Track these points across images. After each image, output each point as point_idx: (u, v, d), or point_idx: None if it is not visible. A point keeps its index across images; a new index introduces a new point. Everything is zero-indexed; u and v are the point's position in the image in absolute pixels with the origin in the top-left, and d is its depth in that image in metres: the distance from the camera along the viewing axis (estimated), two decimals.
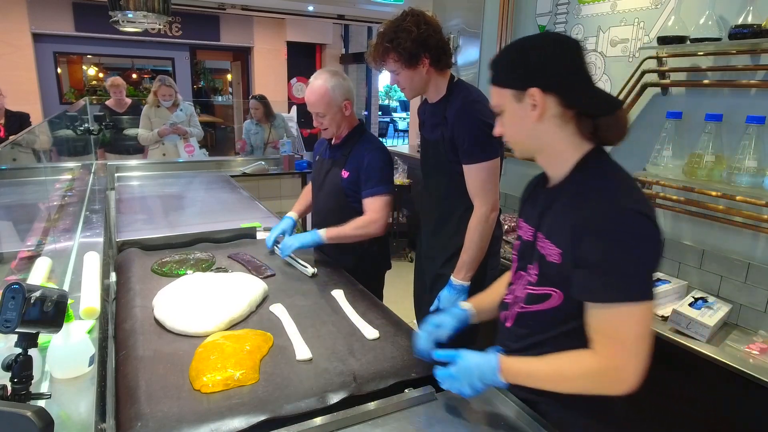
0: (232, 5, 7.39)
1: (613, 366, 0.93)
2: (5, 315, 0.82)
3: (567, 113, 0.99)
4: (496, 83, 1.05)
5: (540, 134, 1.02)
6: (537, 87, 0.97)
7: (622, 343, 0.92)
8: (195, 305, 1.46)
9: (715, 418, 1.66)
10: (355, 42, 9.71)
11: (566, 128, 1.00)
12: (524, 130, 1.04)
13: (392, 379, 1.19)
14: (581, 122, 1.00)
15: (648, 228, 0.92)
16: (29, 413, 0.70)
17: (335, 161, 2.03)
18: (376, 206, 1.90)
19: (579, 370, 0.97)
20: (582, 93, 0.99)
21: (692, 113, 1.96)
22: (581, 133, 1.01)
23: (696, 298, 1.84)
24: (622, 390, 0.94)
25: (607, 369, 0.94)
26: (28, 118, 4.49)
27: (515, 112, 1.03)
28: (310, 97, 1.92)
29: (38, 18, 7.06)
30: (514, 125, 1.05)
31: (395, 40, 1.70)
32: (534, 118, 0.99)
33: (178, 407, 1.05)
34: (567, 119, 1.00)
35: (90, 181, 3.06)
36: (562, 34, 1.08)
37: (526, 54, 1.00)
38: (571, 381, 0.99)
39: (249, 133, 4.94)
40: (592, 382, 0.97)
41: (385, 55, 1.74)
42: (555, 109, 0.99)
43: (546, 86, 0.97)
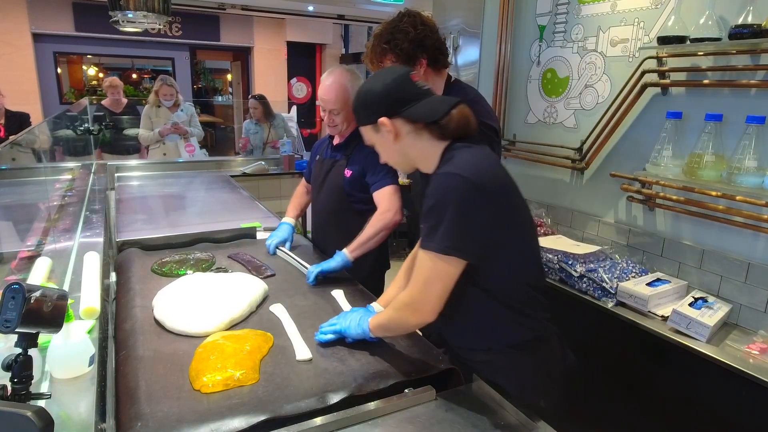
0: (232, 5, 7.40)
1: (410, 300, 1.18)
2: (5, 315, 0.82)
3: (417, 126, 1.20)
4: (359, 124, 1.29)
5: (406, 149, 1.24)
6: (383, 116, 1.20)
7: (416, 283, 1.16)
8: (195, 305, 1.46)
9: (715, 418, 1.66)
10: (355, 42, 9.71)
11: (422, 138, 1.21)
12: (393, 151, 1.26)
13: (392, 379, 1.19)
14: (431, 129, 1.19)
15: (457, 183, 1.09)
16: (29, 413, 0.70)
17: (337, 161, 2.03)
18: (385, 195, 1.89)
19: (395, 303, 1.23)
20: (417, 108, 1.19)
21: (692, 113, 1.96)
22: (435, 137, 1.20)
23: (696, 298, 1.84)
24: (417, 320, 1.18)
25: (406, 302, 1.19)
26: (28, 118, 4.49)
27: (380, 141, 1.26)
28: (328, 94, 1.90)
29: (38, 18, 7.06)
30: (385, 151, 1.28)
31: (392, 41, 1.69)
32: (393, 138, 1.21)
33: (178, 407, 1.05)
34: (419, 131, 1.20)
35: (90, 181, 3.06)
36: (393, 68, 1.31)
37: (367, 95, 1.23)
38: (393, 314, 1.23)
39: (248, 132, 4.95)
40: (399, 313, 1.21)
41: (383, 56, 1.73)
42: (406, 127, 1.21)
43: (389, 113, 1.19)
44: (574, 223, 2.52)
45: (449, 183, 1.10)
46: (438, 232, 1.10)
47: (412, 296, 1.17)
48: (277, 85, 8.98)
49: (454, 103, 1.20)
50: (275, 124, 4.98)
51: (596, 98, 2.35)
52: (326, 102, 1.91)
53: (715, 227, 1.92)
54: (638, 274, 2.04)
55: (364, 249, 1.85)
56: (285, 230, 2.11)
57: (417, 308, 1.16)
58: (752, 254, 1.82)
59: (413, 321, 1.19)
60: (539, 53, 2.63)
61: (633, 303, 1.90)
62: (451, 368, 1.26)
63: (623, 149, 2.26)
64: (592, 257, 2.15)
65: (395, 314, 1.22)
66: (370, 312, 1.36)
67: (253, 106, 4.91)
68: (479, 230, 1.11)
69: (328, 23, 8.88)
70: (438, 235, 1.10)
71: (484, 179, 1.10)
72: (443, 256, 1.10)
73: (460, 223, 1.09)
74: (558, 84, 2.54)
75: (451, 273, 1.13)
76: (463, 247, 1.10)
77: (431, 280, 1.13)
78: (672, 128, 1.96)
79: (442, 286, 1.13)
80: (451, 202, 1.09)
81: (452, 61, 3.15)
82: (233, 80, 10.22)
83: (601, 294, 1.99)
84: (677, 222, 2.07)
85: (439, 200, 1.10)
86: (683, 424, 1.75)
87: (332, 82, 1.90)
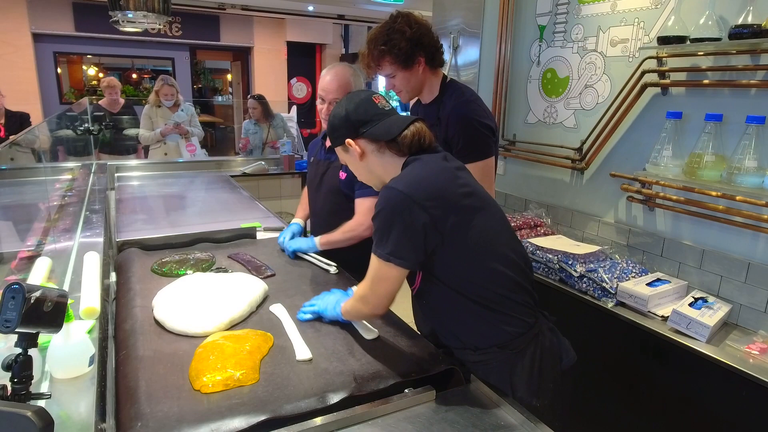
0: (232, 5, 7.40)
1: (362, 294, 1.31)
2: (5, 315, 0.82)
3: (378, 145, 1.30)
4: (333, 146, 1.39)
5: (372, 167, 1.34)
6: (348, 138, 1.31)
7: (366, 280, 1.29)
8: (195, 305, 1.46)
9: (715, 418, 1.66)
10: (355, 42, 9.71)
11: (385, 155, 1.31)
12: (362, 168, 1.36)
13: (392, 379, 1.19)
14: (390, 147, 1.29)
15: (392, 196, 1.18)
16: (29, 413, 0.70)
17: (331, 162, 2.02)
18: (364, 208, 1.87)
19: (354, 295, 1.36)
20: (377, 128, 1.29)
21: (692, 113, 1.96)
22: (395, 153, 1.30)
23: (696, 298, 1.84)
24: (367, 311, 1.33)
25: (360, 295, 1.33)
26: (28, 118, 4.49)
27: (350, 160, 1.37)
28: (331, 84, 1.87)
29: (38, 18, 7.06)
30: (356, 168, 1.39)
31: (389, 42, 1.68)
32: (358, 157, 1.32)
33: (178, 407, 1.05)
34: (382, 149, 1.30)
35: (90, 181, 3.06)
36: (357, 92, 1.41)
37: (335, 119, 1.34)
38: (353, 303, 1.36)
39: (248, 132, 4.95)
40: (356, 303, 1.35)
41: (381, 59, 1.72)
42: (370, 146, 1.31)
43: (353, 135, 1.30)
44: (574, 223, 2.52)
45: (386, 195, 1.20)
46: (380, 240, 1.21)
47: (364, 291, 1.30)
48: (277, 85, 8.97)
49: (410, 121, 1.30)
50: (275, 124, 4.98)
51: (596, 98, 2.36)
52: (328, 92, 1.88)
53: (715, 227, 1.92)
54: (638, 274, 2.04)
55: (331, 246, 1.92)
56: (293, 228, 2.13)
57: (367, 302, 1.30)
58: (752, 254, 1.82)
59: (364, 311, 1.35)
60: (539, 53, 2.63)
61: (633, 303, 1.90)
62: (451, 368, 1.26)
63: (623, 149, 2.26)
64: (592, 257, 2.15)
65: (354, 303, 1.36)
66: (347, 295, 1.46)
67: (252, 106, 4.91)
68: (414, 239, 1.18)
69: (328, 23, 8.88)
70: (380, 242, 1.21)
71: (416, 190, 1.18)
72: (383, 261, 1.21)
73: (396, 232, 1.18)
74: (558, 84, 2.54)
75: (394, 276, 1.23)
76: (400, 254, 1.19)
77: (377, 280, 1.25)
78: (672, 128, 1.96)
79: (387, 286, 1.24)
80: (387, 214, 1.19)
81: (452, 61, 3.16)
82: (233, 80, 10.22)
83: (601, 294, 1.99)
84: (677, 222, 2.07)
85: (379, 212, 1.20)
86: (683, 424, 1.75)
87: (335, 74, 1.88)
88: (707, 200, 1.90)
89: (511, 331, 1.26)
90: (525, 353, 1.26)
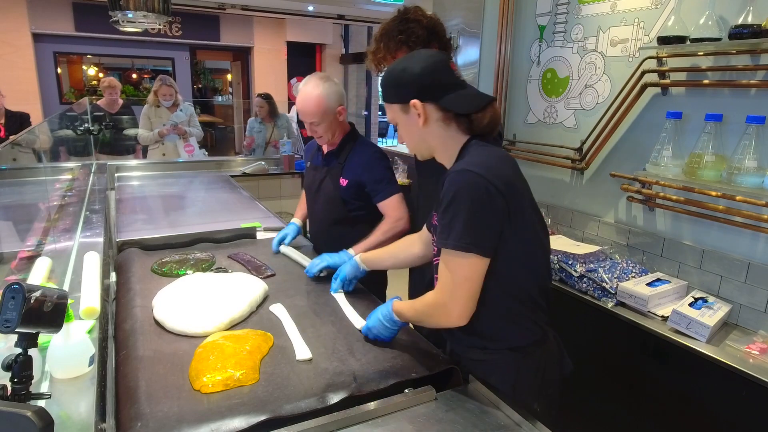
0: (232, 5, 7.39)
1: (440, 302, 1.17)
2: (5, 315, 0.82)
3: (447, 115, 1.18)
4: (386, 101, 1.26)
5: (430, 136, 1.22)
6: (416, 99, 1.17)
7: (443, 284, 1.15)
8: (195, 306, 1.46)
9: (714, 418, 1.66)
10: (355, 42, 9.70)
11: (450, 127, 1.20)
12: (416, 135, 1.23)
13: (392, 379, 1.19)
14: (459, 121, 1.19)
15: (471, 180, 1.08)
16: (29, 413, 0.70)
17: (330, 169, 2.00)
18: (394, 205, 1.90)
19: (424, 304, 1.22)
20: (453, 97, 1.17)
21: (692, 113, 1.96)
22: (461, 129, 1.20)
23: (696, 298, 1.84)
24: (448, 322, 1.17)
25: (435, 304, 1.18)
26: (28, 118, 4.49)
27: (406, 122, 1.23)
28: (304, 107, 1.85)
29: (38, 18, 7.06)
30: (408, 133, 1.25)
31: (407, 31, 1.66)
32: (420, 123, 1.19)
33: (178, 407, 1.05)
34: (448, 120, 1.19)
35: (90, 181, 3.06)
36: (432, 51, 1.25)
37: (403, 73, 1.19)
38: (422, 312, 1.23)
39: (252, 131, 4.95)
40: (429, 314, 1.21)
41: (397, 50, 1.69)
42: (436, 114, 1.19)
43: (423, 97, 1.17)
44: (574, 223, 2.52)
45: (463, 179, 1.09)
46: (455, 229, 1.09)
47: (442, 300, 1.15)
48: (277, 85, 8.97)
49: (489, 100, 1.19)
50: (279, 124, 4.98)
51: (596, 98, 2.35)
52: (303, 115, 1.88)
53: (715, 227, 1.92)
54: (638, 274, 2.04)
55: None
56: (290, 229, 2.12)
57: (446, 311, 1.15)
58: (752, 254, 1.82)
59: (445, 323, 1.18)
60: (539, 53, 2.63)
61: (633, 303, 1.90)
62: (451, 367, 1.26)
63: (623, 149, 2.26)
64: (592, 257, 2.15)
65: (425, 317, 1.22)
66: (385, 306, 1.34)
67: (258, 105, 4.90)
68: (493, 226, 1.11)
69: (328, 23, 8.88)
70: (455, 232, 1.09)
71: (495, 176, 1.10)
72: (463, 253, 1.09)
73: (476, 218, 1.08)
74: (558, 84, 2.54)
75: (476, 270, 1.11)
76: (481, 242, 1.10)
77: (459, 283, 1.12)
78: (672, 128, 1.96)
79: (470, 287, 1.12)
80: (466, 199, 1.08)
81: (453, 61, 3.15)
82: (233, 80, 10.22)
83: (601, 294, 1.99)
84: (677, 222, 2.07)
85: (454, 197, 1.09)
86: (683, 424, 1.75)
87: (306, 94, 1.85)
88: (707, 200, 1.90)
89: (528, 334, 1.25)
90: (532, 356, 1.26)
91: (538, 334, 1.27)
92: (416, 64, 1.17)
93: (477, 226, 1.09)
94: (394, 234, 1.85)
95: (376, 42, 1.76)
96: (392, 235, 1.85)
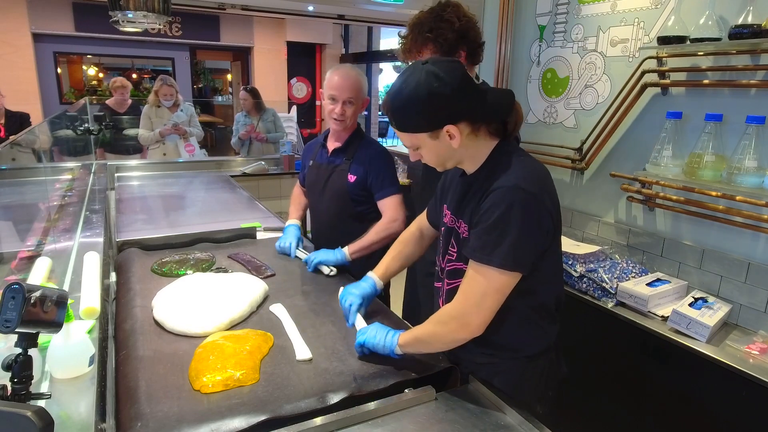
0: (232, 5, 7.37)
1: (461, 312, 1.12)
2: (5, 315, 0.82)
3: (476, 126, 1.12)
4: (406, 131, 1.13)
5: (458, 152, 1.14)
6: (450, 123, 1.08)
7: (470, 294, 1.10)
8: (195, 306, 1.46)
9: (714, 418, 1.66)
10: (355, 42, 9.70)
11: (479, 137, 1.13)
12: (444, 155, 1.15)
13: (392, 379, 1.19)
14: (490, 127, 1.13)
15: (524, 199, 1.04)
16: (29, 413, 0.70)
17: (337, 165, 2.00)
18: (392, 205, 1.90)
19: (434, 319, 1.16)
20: (483, 108, 1.10)
21: (692, 113, 1.96)
22: (490, 134, 1.14)
23: (696, 298, 1.84)
24: (465, 334, 1.12)
25: (454, 315, 1.13)
26: (28, 118, 4.49)
27: (436, 146, 1.13)
28: (345, 82, 1.85)
29: (38, 18, 7.06)
30: (435, 155, 1.16)
31: (436, 30, 1.65)
32: (455, 144, 1.11)
33: (178, 407, 1.05)
34: (477, 130, 1.13)
35: (90, 181, 3.06)
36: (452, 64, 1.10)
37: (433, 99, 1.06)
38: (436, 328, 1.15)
39: (238, 124, 4.92)
40: (444, 327, 1.14)
41: (423, 46, 1.68)
42: (467, 129, 1.11)
43: (456, 119, 1.08)
44: (574, 223, 2.52)
45: (513, 197, 1.05)
46: (501, 247, 1.05)
47: (463, 310, 1.11)
48: (277, 85, 8.97)
49: (511, 99, 1.14)
50: (264, 117, 4.91)
51: (596, 98, 2.35)
52: (343, 90, 1.85)
53: (715, 227, 1.92)
54: (638, 274, 2.04)
55: (364, 253, 1.86)
56: (293, 232, 2.10)
57: (466, 322, 1.11)
58: (752, 254, 1.82)
59: (460, 335, 1.13)
60: (539, 53, 2.63)
61: (633, 303, 1.90)
62: (451, 367, 1.26)
63: (623, 149, 2.26)
64: (592, 257, 2.15)
65: (439, 328, 1.15)
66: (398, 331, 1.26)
67: (243, 98, 4.86)
68: (537, 244, 1.09)
69: (328, 23, 8.87)
70: (501, 249, 1.05)
71: (541, 191, 1.08)
72: (507, 272, 1.06)
73: (525, 238, 1.05)
74: (558, 84, 2.54)
75: (509, 286, 1.09)
76: (525, 261, 1.08)
77: (489, 294, 1.09)
78: (672, 128, 1.96)
79: (498, 300, 1.10)
80: (516, 217, 1.04)
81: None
82: (233, 80, 10.21)
83: (601, 294, 1.99)
84: (677, 222, 2.07)
85: (504, 214, 1.05)
86: (683, 424, 1.75)
87: (347, 73, 1.87)
88: (707, 200, 1.90)
89: (538, 343, 1.25)
90: (537, 362, 1.25)
91: (547, 343, 1.27)
92: (444, 87, 1.04)
93: (525, 247, 1.06)
94: (388, 235, 1.85)
95: (408, 30, 1.73)
96: (385, 236, 1.86)
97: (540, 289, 1.19)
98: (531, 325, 1.22)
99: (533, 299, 1.19)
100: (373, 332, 1.24)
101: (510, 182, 1.07)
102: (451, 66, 1.08)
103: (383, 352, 1.22)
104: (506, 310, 1.14)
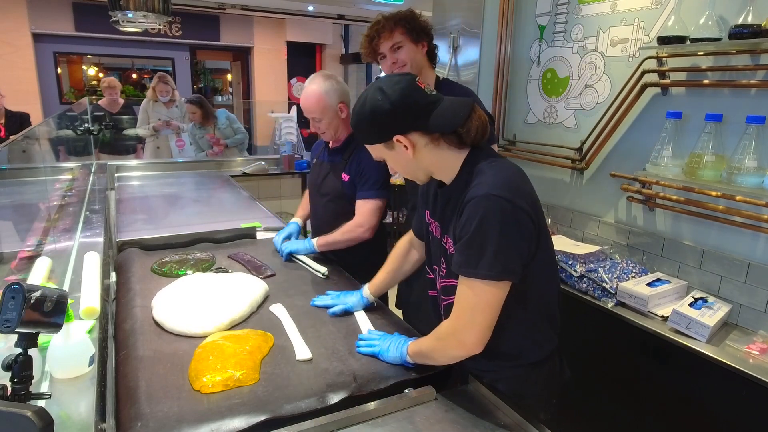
0: (232, 5, 7.39)
1: (454, 330, 1.11)
2: (5, 315, 0.82)
3: (434, 137, 1.13)
4: (366, 143, 1.21)
5: (423, 162, 1.17)
6: (398, 134, 1.12)
7: (461, 311, 1.10)
8: (195, 306, 1.46)
9: (714, 418, 1.66)
10: (355, 42, 9.69)
11: (440, 147, 1.15)
12: (410, 165, 1.18)
13: (392, 379, 1.19)
14: (448, 138, 1.14)
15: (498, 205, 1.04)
16: (29, 413, 0.70)
17: (334, 165, 2.01)
18: (365, 210, 1.90)
19: (434, 334, 1.17)
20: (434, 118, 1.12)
21: (692, 113, 1.96)
22: (453, 145, 1.15)
23: (696, 298, 1.84)
24: (462, 352, 1.12)
25: (449, 332, 1.13)
26: (28, 118, 4.50)
27: (394, 157, 1.18)
28: (305, 103, 1.91)
29: (38, 18, 7.06)
30: (400, 165, 1.20)
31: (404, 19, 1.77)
32: (411, 154, 1.14)
33: (178, 407, 1.05)
34: (437, 141, 1.14)
35: (90, 181, 3.06)
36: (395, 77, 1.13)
37: (375, 113, 1.12)
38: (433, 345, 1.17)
39: (195, 137, 4.68)
40: (442, 342, 1.15)
41: (395, 26, 1.78)
42: (422, 140, 1.13)
43: (404, 129, 1.12)
44: (574, 223, 2.52)
45: (488, 205, 1.04)
46: (484, 258, 1.04)
47: (457, 327, 1.10)
48: (277, 85, 8.97)
49: (469, 108, 1.13)
50: (219, 124, 4.67)
51: (596, 98, 2.35)
52: (305, 110, 1.93)
53: (715, 227, 1.92)
54: (638, 274, 2.04)
55: (329, 248, 1.93)
56: (291, 228, 2.14)
57: (462, 339, 1.09)
58: (752, 254, 1.82)
59: (458, 353, 1.12)
60: (539, 53, 2.63)
61: (633, 303, 1.90)
62: (451, 367, 1.26)
63: (623, 149, 2.26)
64: (592, 257, 2.15)
65: (438, 344, 1.15)
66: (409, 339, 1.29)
67: (191, 111, 4.55)
68: (523, 250, 1.07)
69: (328, 23, 8.88)
70: (485, 261, 1.03)
71: (518, 196, 1.06)
72: (494, 282, 1.04)
73: (506, 245, 1.04)
74: (558, 84, 2.54)
75: (500, 298, 1.07)
76: (511, 268, 1.05)
77: (480, 309, 1.07)
78: (672, 128, 1.96)
79: (491, 314, 1.08)
80: (494, 226, 1.03)
81: (452, 61, 3.15)
82: (233, 80, 10.21)
83: (601, 294, 1.99)
84: (677, 222, 2.07)
85: (480, 225, 1.03)
86: (683, 424, 1.75)
87: (307, 91, 1.90)
88: (707, 200, 1.90)
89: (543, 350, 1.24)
90: (541, 368, 1.25)
91: (550, 348, 1.26)
92: (384, 100, 1.09)
93: (508, 253, 1.04)
94: (351, 238, 1.90)
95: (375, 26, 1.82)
96: (349, 238, 1.90)
97: (537, 294, 1.18)
98: (532, 331, 1.21)
99: (532, 305, 1.18)
100: (387, 344, 1.27)
101: (482, 191, 1.06)
102: (396, 80, 1.12)
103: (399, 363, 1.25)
104: (506, 318, 1.12)
